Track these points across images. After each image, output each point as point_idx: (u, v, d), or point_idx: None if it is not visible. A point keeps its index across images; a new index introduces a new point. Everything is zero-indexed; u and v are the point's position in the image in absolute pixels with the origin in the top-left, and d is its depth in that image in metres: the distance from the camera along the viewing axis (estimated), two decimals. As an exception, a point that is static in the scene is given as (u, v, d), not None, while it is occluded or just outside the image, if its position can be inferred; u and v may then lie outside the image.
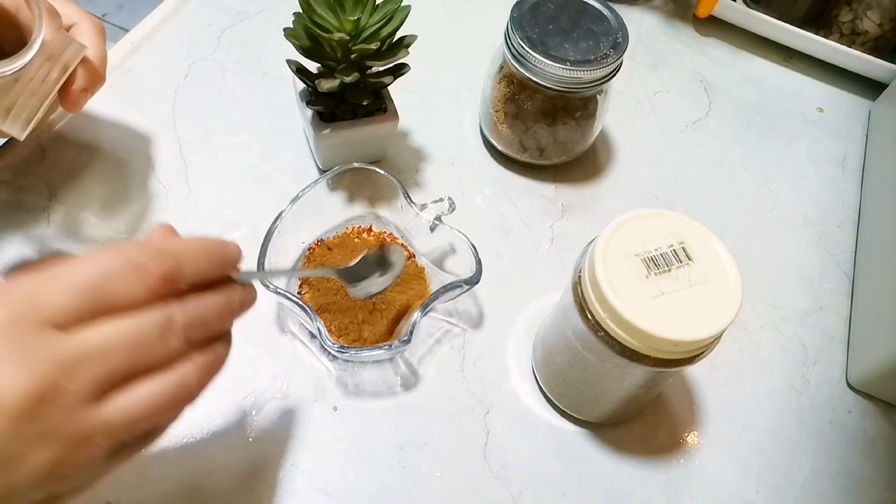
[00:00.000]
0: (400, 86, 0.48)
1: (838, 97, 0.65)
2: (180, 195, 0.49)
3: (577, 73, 0.45)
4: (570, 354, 0.38)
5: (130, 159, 0.50)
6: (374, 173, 0.46)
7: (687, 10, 0.70)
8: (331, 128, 0.47)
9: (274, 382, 0.42)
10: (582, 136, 0.52)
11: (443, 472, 0.40)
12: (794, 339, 0.49)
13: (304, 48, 0.44)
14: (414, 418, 0.42)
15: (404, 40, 0.45)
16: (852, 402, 0.46)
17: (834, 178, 0.59)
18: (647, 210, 0.35)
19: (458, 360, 0.44)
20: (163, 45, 0.58)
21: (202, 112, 0.54)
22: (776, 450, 0.44)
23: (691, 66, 0.65)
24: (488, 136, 0.55)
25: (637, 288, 0.33)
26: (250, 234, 0.48)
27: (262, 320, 0.44)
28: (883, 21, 0.62)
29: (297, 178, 0.51)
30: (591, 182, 0.55)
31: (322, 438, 0.41)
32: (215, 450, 0.40)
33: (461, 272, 0.44)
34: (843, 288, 0.52)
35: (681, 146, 0.58)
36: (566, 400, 0.42)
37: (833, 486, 0.43)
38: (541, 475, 0.41)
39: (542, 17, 0.47)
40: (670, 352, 0.33)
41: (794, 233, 0.54)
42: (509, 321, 0.46)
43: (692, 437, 0.43)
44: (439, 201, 0.45)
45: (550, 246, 0.51)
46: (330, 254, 0.46)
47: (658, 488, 0.41)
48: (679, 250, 0.34)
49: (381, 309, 0.44)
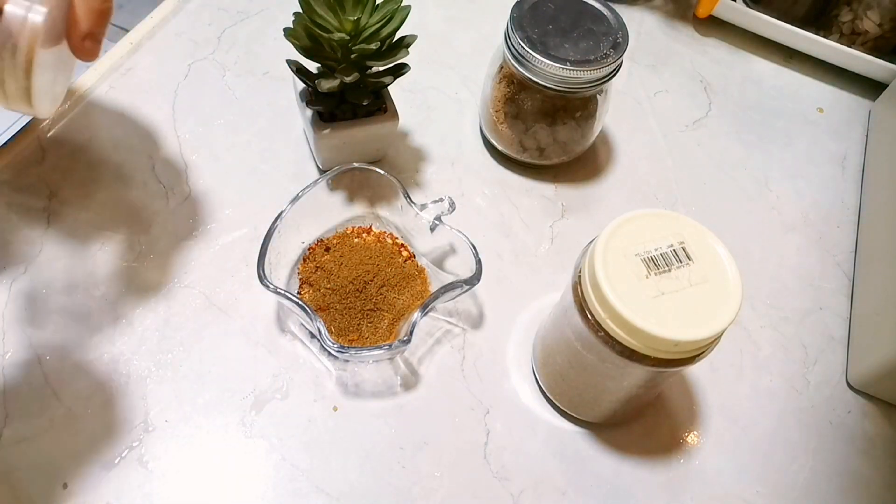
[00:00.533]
0: (400, 86, 0.48)
1: (838, 97, 0.65)
2: (180, 195, 0.49)
3: (577, 73, 0.45)
4: (570, 354, 0.38)
5: (130, 159, 0.50)
6: (374, 173, 0.46)
7: (687, 10, 0.70)
8: (331, 128, 0.47)
9: (274, 382, 0.42)
10: (582, 136, 0.52)
11: (443, 472, 0.40)
12: (794, 339, 0.49)
13: (304, 48, 0.44)
14: (414, 418, 0.42)
15: (404, 40, 0.45)
16: (852, 402, 0.46)
17: (834, 178, 0.59)
18: (647, 210, 0.35)
19: (458, 360, 0.44)
20: (163, 45, 0.58)
21: (202, 112, 0.54)
22: (776, 450, 0.44)
23: (691, 66, 0.65)
24: (488, 136, 0.55)
25: (637, 288, 0.33)
26: (250, 234, 0.48)
27: (262, 320, 0.44)
28: (883, 21, 0.62)
29: (297, 178, 0.51)
30: (591, 182, 0.55)
31: (322, 438, 0.41)
32: (215, 449, 0.40)
33: (461, 272, 0.44)
34: (843, 288, 0.52)
35: (681, 146, 0.58)
36: (566, 400, 0.42)
37: (833, 486, 0.43)
38: (541, 475, 0.41)
39: (542, 17, 0.47)
40: (670, 352, 0.33)
41: (794, 233, 0.54)
42: (509, 321, 0.46)
43: (692, 437, 0.43)
44: (439, 201, 0.45)
45: (550, 246, 0.51)
46: (328, 254, 0.46)
47: (658, 488, 0.41)
48: (679, 250, 0.34)
49: (381, 309, 0.44)
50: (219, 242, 0.47)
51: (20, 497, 0.37)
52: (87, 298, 0.44)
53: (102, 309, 0.43)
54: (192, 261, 0.46)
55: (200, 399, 0.41)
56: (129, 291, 0.44)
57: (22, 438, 0.39)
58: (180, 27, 0.59)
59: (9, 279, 0.44)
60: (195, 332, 0.43)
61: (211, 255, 0.47)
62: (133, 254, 0.46)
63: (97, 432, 0.39)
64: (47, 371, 0.41)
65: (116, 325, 0.43)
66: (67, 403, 0.40)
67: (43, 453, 0.38)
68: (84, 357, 0.42)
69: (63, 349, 0.42)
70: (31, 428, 0.39)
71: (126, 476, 0.38)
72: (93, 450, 0.39)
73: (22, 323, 0.42)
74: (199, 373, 0.42)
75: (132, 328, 0.43)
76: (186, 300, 0.44)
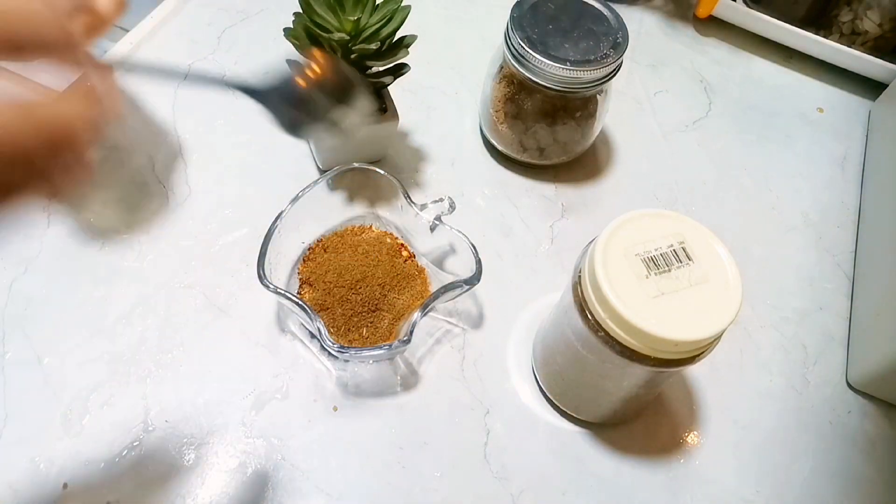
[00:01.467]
0: (400, 86, 0.48)
1: (838, 97, 0.65)
2: (180, 195, 0.49)
3: (577, 73, 0.45)
4: (570, 354, 0.38)
5: (130, 159, 0.50)
6: (374, 173, 0.46)
7: (687, 10, 0.70)
8: (331, 128, 0.47)
9: (274, 382, 0.42)
10: (582, 136, 0.52)
11: (443, 472, 0.40)
12: (794, 339, 0.49)
13: (304, 48, 0.44)
14: (414, 418, 0.42)
15: (404, 40, 0.45)
16: (852, 402, 0.46)
17: (834, 178, 0.59)
18: (647, 210, 0.35)
19: (458, 360, 0.44)
20: (163, 45, 0.58)
21: (202, 112, 0.54)
22: (776, 450, 0.44)
23: (691, 66, 0.65)
24: (488, 136, 0.55)
25: (637, 288, 0.33)
26: (250, 234, 0.48)
27: (262, 320, 0.44)
28: (883, 21, 0.62)
29: (297, 178, 0.51)
30: (591, 182, 0.55)
31: (322, 438, 0.41)
32: (215, 450, 0.40)
33: (461, 272, 0.44)
34: (843, 288, 0.52)
35: (681, 146, 0.58)
36: (566, 400, 0.42)
37: (833, 486, 0.43)
38: (541, 475, 0.41)
39: (542, 17, 0.47)
40: (670, 352, 0.33)
41: (794, 233, 0.54)
42: (509, 321, 0.46)
43: (692, 437, 0.43)
44: (439, 201, 0.45)
45: (550, 246, 0.51)
46: (328, 254, 0.46)
47: (658, 488, 0.41)
48: (679, 250, 0.34)
49: (381, 309, 0.44)
50: (219, 242, 0.47)
51: (20, 497, 0.37)
52: (88, 298, 0.44)
53: (103, 308, 0.43)
54: (192, 261, 0.46)
55: (200, 399, 0.41)
56: (130, 291, 0.44)
57: (22, 438, 0.39)
58: (180, 27, 0.59)
59: (9, 279, 0.44)
60: (195, 332, 0.43)
61: (211, 255, 0.47)
62: (133, 254, 0.46)
63: (97, 432, 0.39)
64: (47, 371, 0.41)
65: (116, 325, 0.43)
66: (67, 403, 0.40)
67: (43, 453, 0.38)
68: (84, 357, 0.42)
69: (63, 349, 0.42)
70: (31, 428, 0.39)
71: (126, 476, 0.38)
72: (93, 450, 0.39)
73: (22, 323, 0.42)
74: (199, 373, 0.42)
75: (132, 328, 0.43)
76: (186, 300, 0.44)
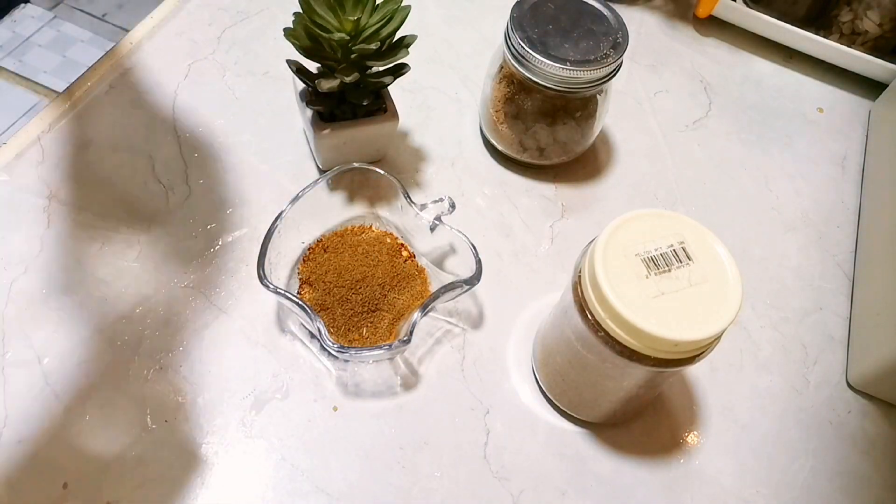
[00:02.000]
0: (400, 86, 0.48)
1: (838, 97, 0.65)
2: (180, 195, 0.49)
3: (577, 73, 0.45)
4: (570, 354, 0.38)
5: (130, 159, 0.50)
6: (374, 173, 0.46)
7: (687, 10, 0.70)
8: (331, 128, 0.47)
9: (274, 382, 0.42)
10: (582, 136, 0.52)
11: (443, 472, 0.40)
12: (794, 339, 0.49)
13: (304, 48, 0.44)
14: (414, 418, 0.42)
15: (404, 40, 0.45)
16: (852, 402, 0.46)
17: (834, 178, 0.59)
18: (647, 210, 0.35)
19: (458, 360, 0.44)
20: (163, 45, 0.58)
21: (202, 112, 0.54)
22: (776, 450, 0.44)
23: (691, 66, 0.65)
24: (488, 136, 0.55)
25: (637, 288, 0.33)
26: (250, 234, 0.48)
27: (262, 320, 0.44)
28: (883, 21, 0.62)
29: (297, 178, 0.51)
30: (591, 182, 0.55)
31: (322, 438, 0.41)
32: (215, 450, 0.40)
33: (461, 272, 0.44)
34: (843, 288, 0.52)
35: (681, 146, 0.58)
36: (566, 400, 0.42)
37: (833, 486, 0.43)
38: (541, 475, 0.41)
39: (542, 17, 0.47)
40: (670, 352, 0.33)
41: (794, 233, 0.54)
42: (509, 321, 0.46)
43: (692, 437, 0.43)
44: (439, 201, 0.45)
45: (550, 246, 0.51)
46: (328, 254, 0.46)
47: (658, 488, 0.41)
48: (679, 250, 0.34)
49: (381, 309, 0.44)
50: (219, 242, 0.47)
51: (20, 497, 0.37)
52: (87, 298, 0.44)
53: (102, 309, 0.43)
54: (192, 261, 0.46)
55: (200, 399, 0.41)
56: (129, 291, 0.44)
57: (22, 438, 0.39)
58: (180, 27, 0.59)
59: (9, 279, 0.44)
60: (195, 332, 0.43)
61: (211, 254, 0.47)
62: (133, 254, 0.46)
63: (97, 432, 0.39)
64: (47, 371, 0.41)
65: (116, 325, 0.43)
66: (67, 403, 0.40)
67: (43, 453, 0.38)
68: (84, 357, 0.42)
69: (63, 349, 0.42)
70: (30, 428, 0.39)
71: (126, 476, 0.38)
72: (93, 450, 0.39)
73: (22, 323, 0.42)
74: (199, 373, 0.42)
75: (132, 328, 0.43)
76: (186, 300, 0.44)
